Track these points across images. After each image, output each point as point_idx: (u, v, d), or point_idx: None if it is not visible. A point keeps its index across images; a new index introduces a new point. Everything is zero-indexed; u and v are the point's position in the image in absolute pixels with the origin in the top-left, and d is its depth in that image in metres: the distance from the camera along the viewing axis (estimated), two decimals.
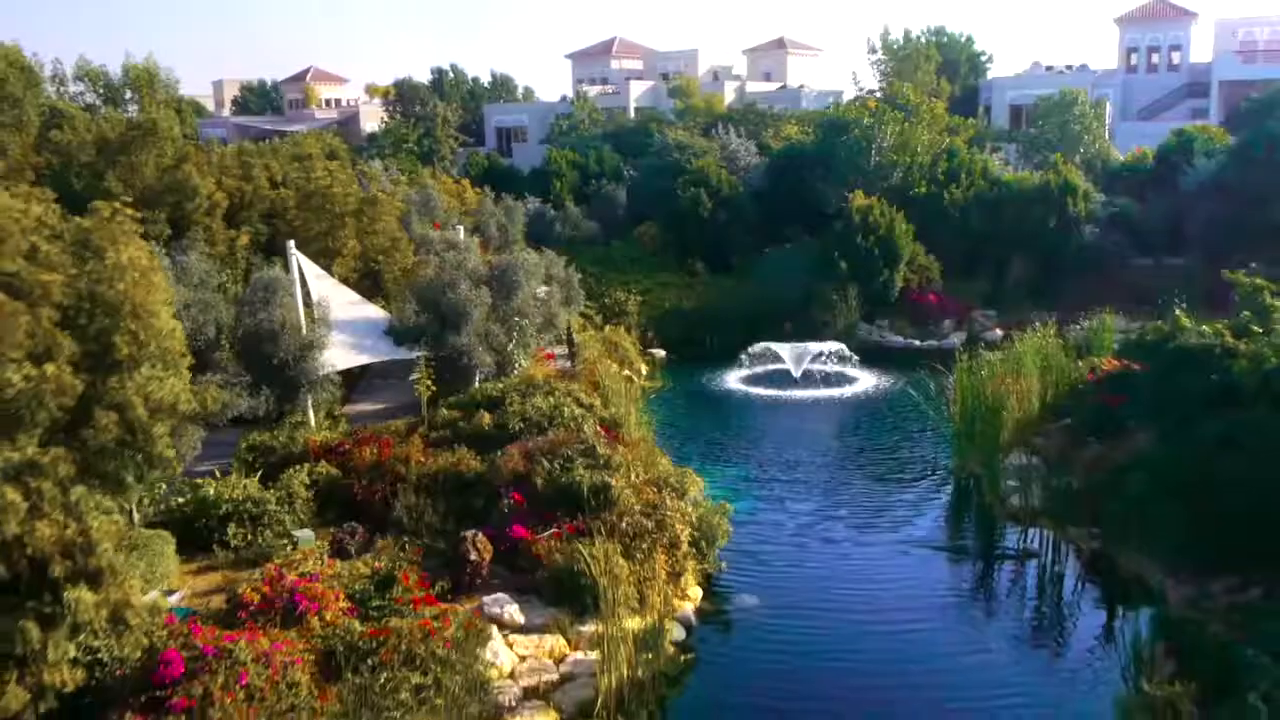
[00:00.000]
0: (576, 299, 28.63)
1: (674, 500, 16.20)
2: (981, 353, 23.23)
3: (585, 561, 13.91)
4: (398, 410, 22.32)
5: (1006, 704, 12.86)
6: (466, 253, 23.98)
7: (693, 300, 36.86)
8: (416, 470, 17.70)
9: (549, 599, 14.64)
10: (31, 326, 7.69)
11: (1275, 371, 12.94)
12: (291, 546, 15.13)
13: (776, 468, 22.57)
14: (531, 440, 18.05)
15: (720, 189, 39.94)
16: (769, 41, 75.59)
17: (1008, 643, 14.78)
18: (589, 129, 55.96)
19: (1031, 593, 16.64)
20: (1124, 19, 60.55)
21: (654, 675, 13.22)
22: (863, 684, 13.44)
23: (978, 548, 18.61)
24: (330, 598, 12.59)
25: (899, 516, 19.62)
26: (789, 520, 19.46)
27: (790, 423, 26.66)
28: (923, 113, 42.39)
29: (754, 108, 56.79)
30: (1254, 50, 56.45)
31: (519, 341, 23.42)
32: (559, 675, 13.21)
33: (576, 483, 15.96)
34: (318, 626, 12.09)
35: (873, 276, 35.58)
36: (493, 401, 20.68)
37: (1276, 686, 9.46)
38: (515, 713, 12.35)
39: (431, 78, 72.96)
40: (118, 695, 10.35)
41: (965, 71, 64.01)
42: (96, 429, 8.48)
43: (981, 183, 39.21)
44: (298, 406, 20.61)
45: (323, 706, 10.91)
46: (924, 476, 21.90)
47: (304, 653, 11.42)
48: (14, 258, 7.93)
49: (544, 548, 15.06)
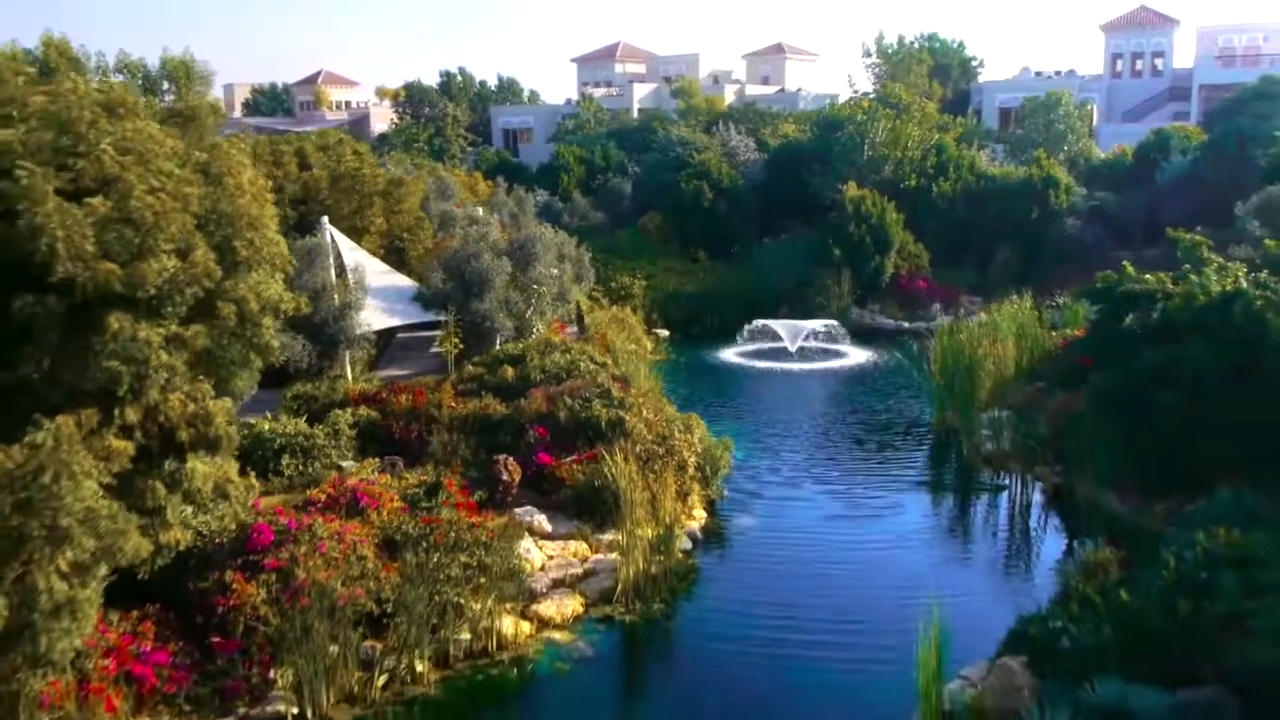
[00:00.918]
0: (587, 276, 30.62)
1: (681, 433, 18.17)
2: (961, 319, 25.20)
3: (609, 470, 15.85)
4: (422, 375, 24.24)
5: (971, 600, 14.75)
6: (487, 227, 25.94)
7: (694, 285, 38.85)
8: (448, 413, 19.60)
9: (572, 513, 16.62)
10: (181, 225, 9.64)
11: (1204, 308, 14.92)
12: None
13: (772, 425, 24.54)
14: (552, 387, 20.01)
15: (721, 181, 41.99)
16: (768, 47, 77.85)
17: (981, 560, 16.74)
18: (594, 128, 58.03)
19: (1003, 521, 18.61)
20: (1109, 26, 62.82)
21: (665, 572, 15.18)
22: (847, 588, 15.35)
23: (955, 485, 20.58)
24: (387, 497, 14.55)
25: (885, 460, 21.62)
26: (783, 465, 21.42)
27: (785, 390, 28.63)
28: (914, 111, 44.50)
29: (753, 107, 58.95)
30: (1233, 55, 58.69)
31: (536, 308, 25.40)
32: (583, 571, 15.17)
33: (595, 417, 17.94)
34: (376, 520, 14.02)
35: (865, 262, 37.58)
36: (514, 359, 22.59)
37: (1188, 547, 11.40)
38: (546, 598, 14.31)
39: (440, 80, 75.12)
40: (218, 559, 12.30)
41: (957, 76, 66.21)
42: (219, 317, 10.41)
43: (968, 176, 41.29)
44: (336, 362, 22.55)
45: (386, 576, 12.83)
46: (909, 432, 23.88)
47: (368, 536, 13.36)
48: (161, 173, 9.88)
49: (567, 471, 17.03)
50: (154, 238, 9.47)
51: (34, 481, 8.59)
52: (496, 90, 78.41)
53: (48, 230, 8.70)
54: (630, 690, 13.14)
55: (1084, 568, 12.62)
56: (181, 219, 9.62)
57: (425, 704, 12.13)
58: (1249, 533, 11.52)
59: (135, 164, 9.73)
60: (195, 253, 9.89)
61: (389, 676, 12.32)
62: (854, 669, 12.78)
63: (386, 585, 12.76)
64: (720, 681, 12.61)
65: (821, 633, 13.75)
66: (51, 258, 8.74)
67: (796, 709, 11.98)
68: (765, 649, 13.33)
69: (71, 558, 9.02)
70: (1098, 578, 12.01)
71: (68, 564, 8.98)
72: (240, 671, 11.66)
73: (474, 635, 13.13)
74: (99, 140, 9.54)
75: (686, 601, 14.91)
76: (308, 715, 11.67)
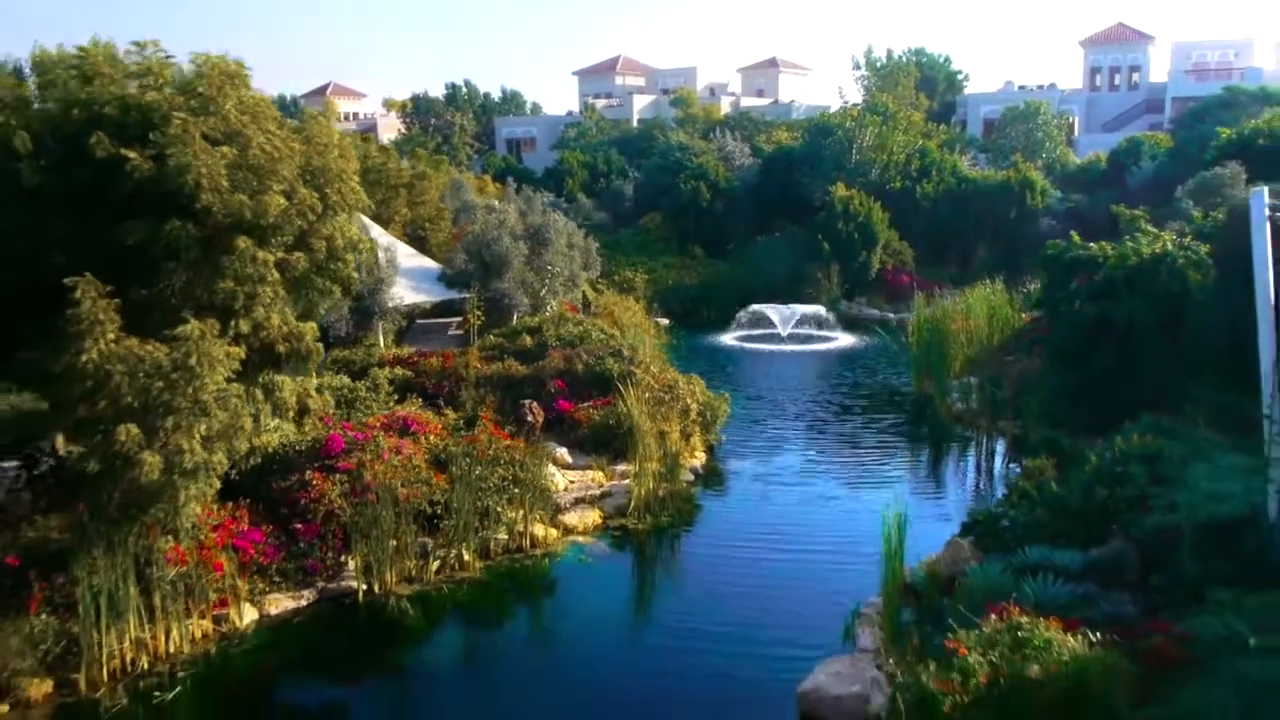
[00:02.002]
0: (594, 264, 33.02)
1: (685, 384, 20.53)
2: (936, 298, 27.66)
3: (623, 409, 18.19)
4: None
5: (937, 520, 17.03)
6: (505, 214, 28.35)
7: (693, 279, 41.27)
8: (475, 373, 21.95)
9: (589, 450, 18.97)
10: (289, 170, 11.98)
11: (1135, 268, 17.32)
12: None
13: (765, 392, 26.91)
14: (568, 349, 22.37)
15: (718, 183, 44.52)
16: (762, 61, 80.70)
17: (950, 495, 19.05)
18: (596, 136, 60.59)
19: (970, 466, 20.96)
20: (1088, 42, 65.70)
21: (671, 494, 17.51)
22: (827, 512, 17.70)
23: (929, 438, 22.92)
24: (433, 425, 16.88)
25: (868, 420, 23.98)
26: (775, 422, 23.78)
27: (778, 367, 30.99)
28: (900, 119, 47.14)
29: (748, 116, 61.62)
30: (1205, 70, 61.54)
31: (550, 288, 27.80)
32: (600, 492, 17.52)
33: (608, 370, 20.31)
34: (425, 443, 16.32)
35: (852, 258, 40.07)
36: (531, 330, 24.94)
37: (1109, 449, 13.76)
38: (570, 511, 16.64)
39: (446, 92, 77.73)
40: (298, 463, 14.62)
41: (943, 88, 68.99)
42: (312, 250, 12.73)
43: (950, 179, 43.87)
44: (371, 331, 24.89)
45: (437, 483, 15.13)
46: (890, 399, 26.25)
47: (420, 452, 15.68)
48: (271, 130, 12.23)
49: (585, 414, 19.39)
50: (269, 179, 11.85)
51: (183, 365, 10.93)
52: (500, 102, 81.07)
53: (193, 168, 11.06)
54: (640, 579, 15.44)
55: (1025, 473, 14.99)
56: (289, 165, 12.00)
57: (471, 585, 14.42)
58: (1159, 440, 13.92)
59: (251, 121, 12.12)
60: (299, 193, 12.27)
61: (440, 563, 14.63)
62: (832, 567, 15.03)
63: (437, 491, 15.05)
64: (711, 573, 14.93)
65: (804, 542, 16.08)
66: (196, 190, 11.10)
67: (777, 593, 14.20)
68: (752, 553, 15.64)
69: (205, 430, 11.35)
70: (1035, 478, 14.38)
71: (202, 435, 11.30)
72: (318, 554, 13.95)
73: (510, 536, 15.44)
74: (224, 102, 11.93)
75: (688, 518, 17.23)
76: (374, 590, 13.95)
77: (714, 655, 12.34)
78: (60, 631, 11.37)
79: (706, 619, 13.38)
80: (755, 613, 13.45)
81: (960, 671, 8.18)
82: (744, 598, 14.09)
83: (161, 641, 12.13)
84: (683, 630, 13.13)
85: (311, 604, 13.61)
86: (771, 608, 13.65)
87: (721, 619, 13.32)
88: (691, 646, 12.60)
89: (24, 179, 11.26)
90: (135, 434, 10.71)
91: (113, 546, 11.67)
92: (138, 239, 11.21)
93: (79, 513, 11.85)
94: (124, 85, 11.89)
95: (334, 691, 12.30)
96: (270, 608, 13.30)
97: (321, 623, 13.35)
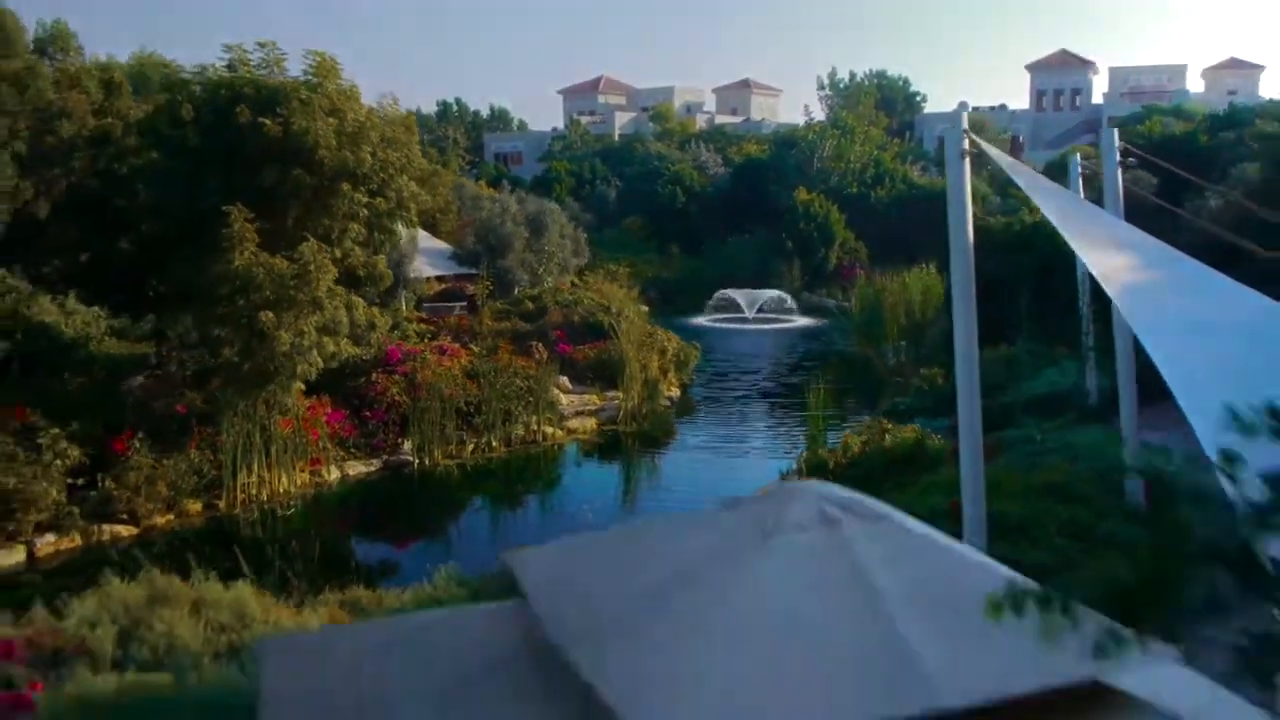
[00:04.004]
0: (583, 252, 37.49)
1: (662, 335, 25.03)
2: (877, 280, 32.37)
3: (615, 346, 22.65)
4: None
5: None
6: (508, 203, 32.82)
7: (669, 273, 45.84)
8: (488, 328, 26.33)
9: (586, 382, 23.36)
10: (379, 135, 16.41)
11: (1017, 234, 22.14)
12: None
13: (731, 357, 31.43)
14: (565, 309, 26.82)
15: (693, 188, 49.27)
16: (735, 82, 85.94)
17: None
18: (581, 148, 65.28)
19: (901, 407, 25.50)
20: (1034, 66, 71.32)
21: (651, 410, 21.95)
22: (777, 425, 22.19)
23: (866, 388, 27.48)
24: (463, 352, 21.26)
25: (818, 374, 28.55)
26: (738, 374, 28.30)
27: (744, 341, 35.55)
28: (858, 133, 52.13)
29: (722, 130, 66.58)
30: (1141, 93, 67.11)
31: (547, 268, 32.24)
32: (595, 409, 21.93)
33: (600, 321, 24.75)
34: (458, 362, 20.68)
35: (812, 254, 44.80)
36: (532, 298, 29.39)
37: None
38: (572, 419, 21.03)
39: (437, 109, 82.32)
40: (364, 368, 18.94)
41: (902, 109, 74.33)
42: (386, 197, 17.13)
43: (902, 186, 48.81)
44: (395, 299, 29.17)
45: (469, 388, 19.48)
46: (840, 361, 30.87)
47: (457, 366, 20.05)
48: (357, 108, 16.69)
49: (582, 353, 23.81)
50: (361, 142, 16.30)
51: (303, 272, 15.29)
52: (488, 119, 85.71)
53: (312, 130, 15.47)
54: (627, 463, 19.84)
55: (925, 379, 19.58)
56: (374, 133, 16.46)
57: (497, 461, 18.80)
58: (1013, 350, 18.57)
59: (344, 100, 16.57)
60: (381, 154, 16.72)
61: (474, 446, 18.97)
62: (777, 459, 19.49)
63: (471, 394, 19.40)
64: (681, 462, 19.36)
65: (756, 439, 20.54)
66: (315, 147, 15.51)
67: (732, 471, 18.63)
68: (713, 448, 20.09)
69: (317, 321, 15.69)
70: (927, 380, 18.95)
71: (318, 323, 15.64)
72: (382, 435, 18.25)
73: (526, 431, 19.81)
74: (328, 86, 16.38)
75: (664, 428, 21.69)
76: (424, 463, 18.26)
77: (681, 507, 16.74)
78: (210, 466, 15.61)
79: (675, 486, 17.79)
80: (712, 484, 17.86)
81: (843, 447, 12.66)
82: (704, 479, 18.51)
83: (276, 483, 16.38)
84: (656, 489, 17.55)
85: (378, 469, 17.92)
86: (724, 481, 18.09)
87: (686, 487, 17.74)
88: (662, 499, 17.00)
89: (189, 140, 15.64)
90: (272, 318, 15.03)
91: (242, 413, 15.95)
92: (270, 182, 15.59)
93: (214, 386, 16.14)
94: (253, 72, 16.31)
95: (394, 522, 16.63)
96: (349, 470, 17.59)
97: (386, 481, 17.68)
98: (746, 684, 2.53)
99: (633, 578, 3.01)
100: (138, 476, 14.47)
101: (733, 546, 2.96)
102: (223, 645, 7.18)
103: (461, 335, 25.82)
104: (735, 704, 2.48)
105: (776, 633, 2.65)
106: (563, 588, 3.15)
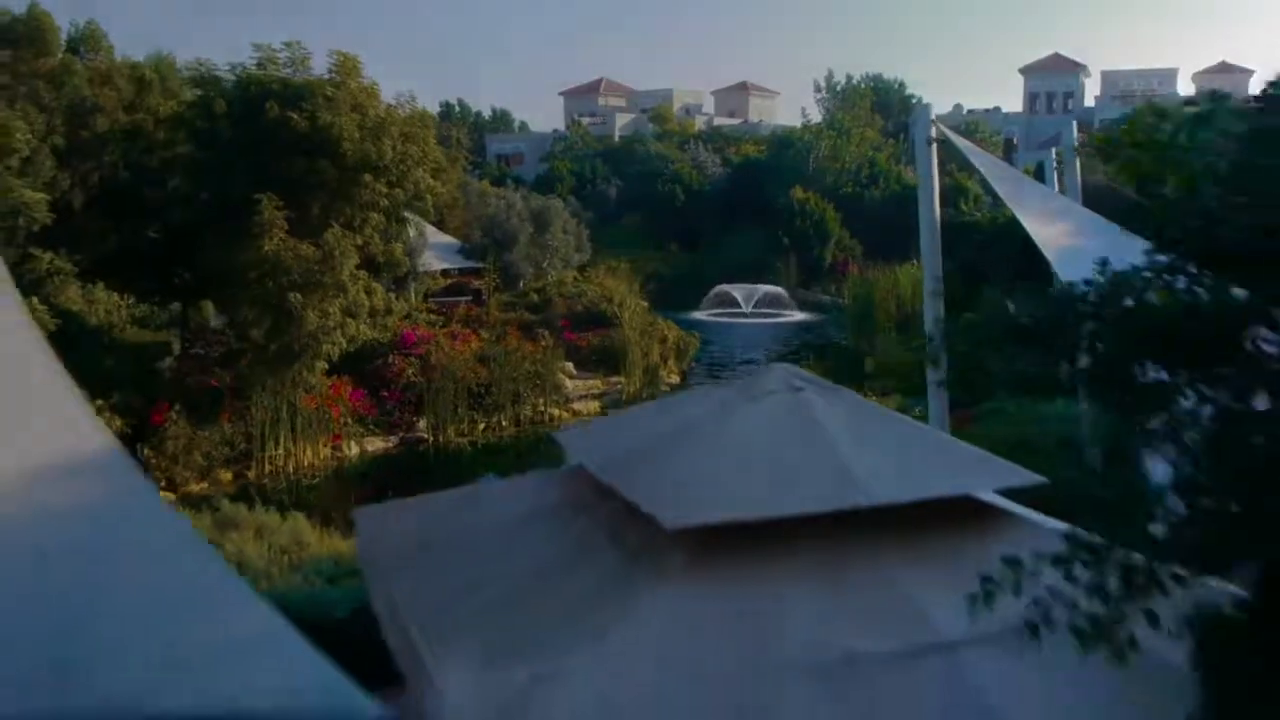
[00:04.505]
0: (584, 248, 38.59)
1: (663, 324, 26.14)
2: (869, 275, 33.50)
3: (618, 334, 23.73)
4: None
5: None
6: (513, 199, 33.93)
7: (668, 269, 46.97)
8: (496, 318, 27.43)
9: (590, 368, 24.45)
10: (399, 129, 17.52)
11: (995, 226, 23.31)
12: None
13: (730, 348, 32.54)
14: (569, 300, 27.93)
15: (692, 186, 50.40)
16: (733, 84, 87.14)
17: None
18: (581, 149, 66.41)
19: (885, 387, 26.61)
20: (1027, 70, 72.51)
21: (653, 394, 23.03)
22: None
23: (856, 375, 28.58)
24: (474, 337, 22.35)
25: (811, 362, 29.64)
26: (737, 364, 29.39)
27: (742, 334, 36.67)
28: (853, 135, 53.29)
29: (720, 131, 67.74)
30: (1131, 96, 68.29)
31: (550, 262, 33.34)
32: (599, 391, 23.01)
33: (602, 310, 25.85)
34: (467, 349, 21.76)
35: (808, 251, 45.94)
36: (537, 290, 30.51)
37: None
38: (577, 401, 22.12)
39: (440, 110, 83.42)
40: (381, 350, 20.02)
41: (898, 111, 75.38)
42: (404, 188, 18.22)
43: (896, 186, 49.93)
44: (406, 290, 30.26)
45: (479, 371, 20.55)
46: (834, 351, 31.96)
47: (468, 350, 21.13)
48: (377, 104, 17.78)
49: (585, 341, 24.90)
50: (382, 136, 17.39)
51: (329, 256, 16.37)
52: (490, 120, 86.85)
53: (337, 124, 16.56)
54: None
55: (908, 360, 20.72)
56: (394, 128, 17.56)
57: (507, 439, 19.88)
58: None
59: (366, 97, 17.68)
60: (400, 147, 17.82)
61: (485, 425, 20.06)
62: None
63: (482, 376, 20.49)
64: None
65: None
66: (339, 140, 16.59)
67: None
68: None
69: (341, 302, 16.78)
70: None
71: (341, 305, 16.73)
72: (399, 413, 19.34)
73: (533, 412, 20.90)
74: (351, 83, 17.48)
75: None
76: (438, 440, 19.34)
77: None
78: (241, 438, 16.68)
79: None
80: None
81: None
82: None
83: (301, 456, 17.46)
84: None
85: (395, 445, 19.02)
86: None
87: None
88: None
89: (220, 133, 16.73)
90: (299, 299, 16.12)
91: (270, 389, 17.03)
92: (297, 173, 16.67)
93: (244, 363, 17.22)
94: (281, 70, 17.41)
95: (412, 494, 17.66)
96: (368, 445, 18.69)
97: (403, 457, 18.75)
98: (732, 484, 3.62)
99: (652, 428, 4.10)
100: (175, 445, 15.54)
101: (724, 405, 4.04)
102: (284, 565, 8.25)
103: (471, 323, 26.95)
104: (724, 494, 3.55)
105: (753, 454, 3.74)
106: (599, 439, 4.23)
